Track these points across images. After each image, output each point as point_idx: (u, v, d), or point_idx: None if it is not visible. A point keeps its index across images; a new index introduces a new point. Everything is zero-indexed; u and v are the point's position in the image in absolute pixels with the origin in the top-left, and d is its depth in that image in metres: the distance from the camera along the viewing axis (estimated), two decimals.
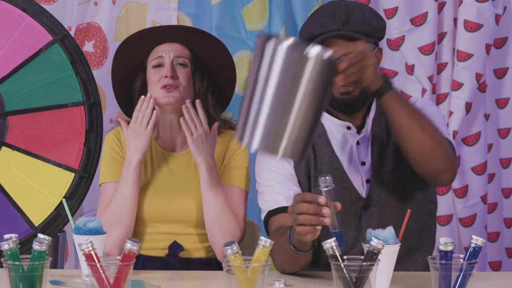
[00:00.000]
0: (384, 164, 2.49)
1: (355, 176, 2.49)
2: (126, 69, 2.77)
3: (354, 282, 1.88)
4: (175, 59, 2.70)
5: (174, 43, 2.73)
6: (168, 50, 2.71)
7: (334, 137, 2.51)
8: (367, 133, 2.51)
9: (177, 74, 2.68)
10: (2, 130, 2.79)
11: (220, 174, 2.71)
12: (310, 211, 2.03)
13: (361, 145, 2.50)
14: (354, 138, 2.50)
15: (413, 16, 3.44)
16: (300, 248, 2.19)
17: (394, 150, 2.49)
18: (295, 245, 2.18)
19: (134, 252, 1.88)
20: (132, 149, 2.65)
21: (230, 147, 2.75)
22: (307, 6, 3.34)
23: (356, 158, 2.49)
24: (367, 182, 2.48)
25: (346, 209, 2.45)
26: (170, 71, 2.67)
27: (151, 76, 2.71)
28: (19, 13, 2.82)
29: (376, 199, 2.46)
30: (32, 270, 1.89)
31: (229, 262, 1.90)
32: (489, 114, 3.56)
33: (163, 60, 2.70)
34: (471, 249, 1.95)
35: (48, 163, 2.79)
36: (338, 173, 2.47)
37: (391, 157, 2.49)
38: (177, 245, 2.68)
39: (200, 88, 2.73)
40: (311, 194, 2.05)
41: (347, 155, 2.50)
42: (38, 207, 2.77)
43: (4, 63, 2.80)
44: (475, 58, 3.41)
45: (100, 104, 2.84)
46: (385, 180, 2.48)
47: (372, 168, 2.48)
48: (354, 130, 2.50)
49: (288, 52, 2.00)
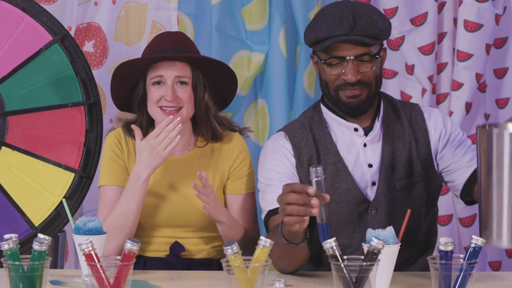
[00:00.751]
0: (395, 169, 2.48)
1: (361, 178, 2.48)
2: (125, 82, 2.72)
3: (354, 282, 1.88)
4: (176, 79, 2.64)
5: (174, 61, 2.65)
6: (168, 69, 2.64)
7: (340, 137, 2.50)
8: (376, 135, 2.49)
9: (178, 95, 2.63)
10: (2, 130, 2.79)
11: (227, 184, 2.71)
12: (299, 202, 2.03)
13: (369, 146, 2.49)
14: (361, 140, 2.49)
15: (413, 16, 3.44)
16: (292, 240, 2.19)
17: (408, 158, 2.48)
18: (286, 237, 2.18)
19: (134, 252, 1.88)
20: (144, 163, 2.60)
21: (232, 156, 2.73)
22: (307, 6, 3.33)
23: (362, 159, 2.48)
24: (373, 184, 2.47)
25: (350, 210, 2.45)
26: (171, 96, 2.62)
27: (151, 93, 2.65)
28: (19, 13, 2.81)
29: (385, 203, 2.45)
30: (32, 270, 1.89)
31: (229, 262, 1.90)
32: (489, 114, 3.56)
33: (164, 79, 2.64)
34: (471, 249, 1.95)
35: (48, 163, 2.79)
36: (342, 174, 2.47)
37: (405, 164, 2.48)
38: (178, 245, 2.68)
39: (202, 101, 2.69)
40: (300, 185, 2.05)
41: (353, 157, 2.49)
42: (38, 207, 2.77)
43: (4, 63, 2.80)
44: (475, 58, 3.41)
45: (100, 104, 2.83)
46: (397, 186, 2.47)
47: (381, 171, 2.47)
48: (361, 132, 2.49)
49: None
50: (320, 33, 2.41)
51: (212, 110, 2.70)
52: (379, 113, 2.51)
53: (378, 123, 2.49)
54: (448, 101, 3.48)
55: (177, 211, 2.68)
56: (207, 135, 2.71)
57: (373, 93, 2.46)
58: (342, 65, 2.41)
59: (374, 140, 2.49)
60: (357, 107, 2.45)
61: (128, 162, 2.71)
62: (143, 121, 2.72)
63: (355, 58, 2.40)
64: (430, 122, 2.53)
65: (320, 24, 2.42)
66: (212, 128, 2.70)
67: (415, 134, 2.51)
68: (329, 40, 2.39)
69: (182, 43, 2.71)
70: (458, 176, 2.47)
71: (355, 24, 2.38)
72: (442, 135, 2.51)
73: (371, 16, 2.42)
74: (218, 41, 3.29)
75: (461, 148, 2.49)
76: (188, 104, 2.65)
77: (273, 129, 3.31)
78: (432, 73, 3.45)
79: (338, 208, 2.46)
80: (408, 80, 3.47)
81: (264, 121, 3.38)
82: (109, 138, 2.75)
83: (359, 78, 2.41)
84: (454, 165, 2.48)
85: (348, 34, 2.38)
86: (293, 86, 3.39)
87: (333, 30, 2.39)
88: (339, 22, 2.39)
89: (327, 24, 2.40)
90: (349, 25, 2.38)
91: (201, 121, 2.70)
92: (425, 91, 3.44)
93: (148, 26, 3.28)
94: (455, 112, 3.45)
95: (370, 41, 2.39)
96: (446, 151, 2.50)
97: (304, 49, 3.34)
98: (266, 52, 3.34)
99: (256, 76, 3.37)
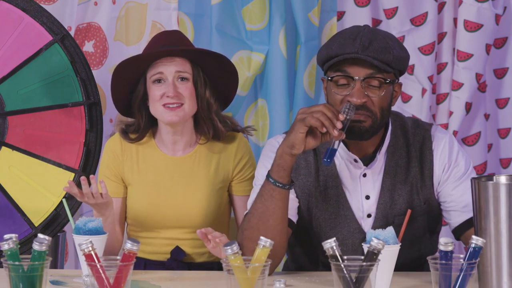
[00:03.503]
0: (395, 204, 2.41)
1: (357, 208, 2.41)
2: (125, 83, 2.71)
3: (354, 282, 1.88)
4: (176, 74, 2.64)
5: (174, 57, 2.65)
6: (168, 65, 2.64)
7: (341, 163, 2.42)
8: (377, 166, 2.41)
9: (179, 91, 2.63)
10: (2, 130, 2.79)
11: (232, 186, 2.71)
12: (329, 114, 2.19)
13: (368, 177, 2.41)
14: (360, 170, 2.41)
15: (413, 16, 3.43)
16: (279, 179, 2.25)
17: (410, 191, 2.42)
18: (275, 173, 2.26)
19: (134, 252, 1.88)
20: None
21: (236, 158, 2.73)
22: (307, 6, 3.33)
23: (360, 190, 2.42)
24: (368, 216, 2.41)
25: (344, 238, 2.41)
26: (173, 91, 2.61)
27: (152, 91, 2.64)
28: (19, 13, 2.82)
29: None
30: (32, 270, 1.89)
31: (229, 262, 1.90)
32: (489, 114, 3.56)
33: (164, 76, 2.63)
34: (471, 249, 1.95)
35: (48, 163, 2.79)
36: (340, 200, 2.41)
37: (405, 198, 2.41)
38: (179, 250, 2.67)
39: (203, 97, 2.69)
40: (333, 107, 2.23)
41: (351, 185, 2.42)
42: (38, 207, 2.77)
43: (4, 63, 2.80)
44: (475, 58, 3.41)
45: (100, 104, 2.83)
46: (395, 221, 2.39)
47: (379, 204, 2.41)
48: (360, 163, 2.40)
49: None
50: (331, 50, 2.33)
51: (214, 107, 2.70)
52: (383, 142, 2.42)
53: (379, 155, 2.41)
54: (448, 101, 3.48)
55: (179, 212, 2.68)
56: (209, 133, 2.70)
57: (377, 124, 2.35)
58: (349, 86, 2.31)
59: (374, 171, 2.41)
60: (358, 133, 2.33)
61: (123, 169, 2.71)
62: (141, 122, 2.71)
63: (363, 80, 2.30)
64: (436, 153, 2.44)
65: (333, 42, 2.35)
66: (213, 125, 2.69)
67: (421, 165, 2.43)
68: (337, 58, 2.31)
69: (179, 40, 2.71)
70: (451, 217, 2.44)
71: (369, 45, 2.29)
72: (445, 169, 2.43)
73: (388, 41, 2.33)
74: (218, 41, 3.29)
75: (459, 188, 2.42)
76: (189, 100, 2.64)
77: (273, 129, 3.31)
78: (432, 73, 3.45)
79: (331, 234, 2.38)
80: (408, 80, 3.46)
81: (264, 121, 3.38)
82: (106, 147, 2.75)
83: (365, 101, 2.30)
84: (449, 204, 2.43)
85: (359, 52, 2.29)
86: (293, 86, 3.39)
87: (343, 48, 2.31)
88: (352, 41, 2.31)
89: (339, 42, 2.33)
90: (361, 45, 2.29)
91: (203, 118, 2.69)
92: (425, 91, 3.44)
93: (148, 26, 3.28)
94: (455, 112, 3.45)
95: (380, 64, 2.29)
96: (446, 186, 2.43)
97: (304, 49, 3.34)
98: (266, 52, 3.34)
99: (256, 76, 3.37)
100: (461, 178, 2.43)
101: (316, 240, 2.41)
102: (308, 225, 2.43)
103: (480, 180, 2.07)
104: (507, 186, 2.01)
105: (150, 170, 2.71)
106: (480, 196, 2.04)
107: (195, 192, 2.68)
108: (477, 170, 3.51)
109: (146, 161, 2.71)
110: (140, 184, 2.70)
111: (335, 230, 2.41)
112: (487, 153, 3.55)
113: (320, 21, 3.36)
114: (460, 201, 2.41)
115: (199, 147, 2.72)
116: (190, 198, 2.68)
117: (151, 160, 2.72)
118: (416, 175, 2.43)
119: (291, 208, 2.37)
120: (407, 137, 2.45)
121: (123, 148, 2.72)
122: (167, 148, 2.72)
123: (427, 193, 2.43)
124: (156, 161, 2.72)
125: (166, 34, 2.77)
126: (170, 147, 2.72)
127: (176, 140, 2.71)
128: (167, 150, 2.72)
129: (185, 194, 2.69)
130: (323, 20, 3.39)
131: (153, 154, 2.72)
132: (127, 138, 2.72)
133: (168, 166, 2.70)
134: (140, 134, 2.71)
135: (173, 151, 2.72)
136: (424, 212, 2.44)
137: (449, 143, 2.45)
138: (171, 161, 2.71)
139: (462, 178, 2.43)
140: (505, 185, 2.02)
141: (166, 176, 2.70)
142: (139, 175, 2.71)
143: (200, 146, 2.72)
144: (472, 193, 2.06)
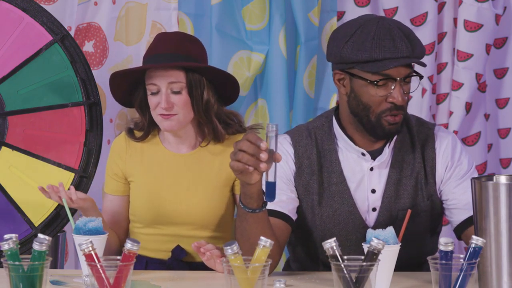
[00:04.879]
0: (399, 198, 2.42)
1: (362, 203, 2.42)
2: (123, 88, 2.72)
3: (354, 282, 1.88)
4: (169, 86, 2.63)
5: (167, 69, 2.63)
6: (161, 77, 2.63)
7: (346, 157, 2.43)
8: (384, 160, 2.42)
9: (172, 103, 2.62)
10: (2, 130, 2.79)
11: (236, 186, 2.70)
12: (250, 151, 2.01)
13: (375, 171, 2.42)
14: (368, 164, 2.42)
15: (413, 16, 3.43)
16: (247, 203, 2.14)
17: (415, 187, 2.43)
18: (242, 200, 2.16)
19: (134, 252, 1.88)
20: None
21: None
22: (307, 6, 3.33)
23: (366, 184, 2.42)
24: (373, 210, 2.42)
25: (347, 234, 2.42)
26: (165, 103, 2.61)
27: (149, 99, 2.66)
28: (19, 13, 2.82)
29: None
30: (32, 270, 1.89)
31: (229, 262, 1.90)
32: (489, 114, 3.56)
33: (158, 88, 2.63)
34: (471, 249, 1.95)
35: (48, 163, 2.79)
36: (344, 196, 2.42)
37: (410, 193, 2.43)
38: (180, 249, 2.67)
39: (201, 101, 2.68)
40: (255, 136, 2.03)
41: (357, 179, 2.42)
42: (38, 207, 2.77)
43: (4, 63, 2.80)
44: (475, 58, 3.41)
45: (100, 104, 2.83)
46: (399, 215, 2.40)
47: (384, 198, 2.42)
48: (368, 156, 2.41)
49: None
50: (376, 53, 2.29)
51: (214, 107, 2.69)
52: (392, 138, 2.43)
53: (388, 149, 2.42)
54: (448, 101, 3.48)
55: (181, 208, 2.68)
56: (209, 135, 2.71)
57: (404, 118, 2.38)
58: (387, 86, 2.31)
59: (381, 165, 2.42)
60: (394, 133, 2.37)
61: (127, 167, 2.73)
62: (145, 121, 2.74)
63: (403, 80, 2.33)
64: (439, 152, 2.45)
65: (371, 43, 2.30)
66: (213, 127, 2.70)
67: (425, 163, 2.44)
68: (390, 61, 2.28)
69: (176, 46, 2.67)
70: (453, 215, 2.44)
71: (413, 47, 2.31)
72: (448, 167, 2.44)
73: (416, 36, 2.36)
74: (218, 41, 3.29)
75: (461, 187, 2.43)
76: (183, 110, 2.64)
77: None
78: (432, 73, 3.45)
79: (336, 230, 2.41)
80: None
81: (264, 121, 3.38)
82: (113, 146, 2.78)
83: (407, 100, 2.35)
84: (451, 202, 2.44)
85: (410, 57, 2.30)
86: (293, 86, 3.39)
87: (392, 52, 2.29)
88: (398, 42, 2.30)
89: (380, 45, 2.29)
90: (407, 48, 2.30)
91: (202, 121, 2.69)
92: (425, 91, 3.44)
93: (148, 26, 3.28)
94: (455, 112, 3.45)
95: (421, 63, 2.34)
96: (448, 185, 2.44)
97: (304, 49, 3.34)
98: (266, 52, 3.34)
99: (256, 76, 3.37)
100: (463, 176, 2.44)
101: (319, 238, 2.41)
102: (312, 223, 2.43)
103: (480, 180, 2.07)
104: (507, 186, 2.01)
105: (153, 166, 2.73)
106: (480, 196, 2.04)
107: (198, 189, 2.69)
108: (477, 170, 3.51)
109: (150, 158, 2.73)
110: (142, 179, 2.72)
111: (340, 227, 2.42)
112: (487, 153, 3.55)
113: (320, 21, 3.37)
114: (462, 199, 2.42)
115: (200, 149, 2.73)
116: (192, 195, 2.69)
117: (155, 156, 2.73)
118: (421, 171, 2.44)
119: (289, 207, 2.38)
120: (411, 134, 2.47)
121: (128, 146, 2.74)
122: (171, 146, 2.74)
123: (430, 189, 2.45)
124: (160, 158, 2.73)
125: (164, 38, 2.73)
126: (174, 145, 2.74)
127: (179, 142, 2.73)
128: (171, 147, 2.74)
129: (187, 191, 2.69)
130: (323, 20, 3.39)
131: (157, 150, 2.74)
132: (132, 137, 2.74)
133: (171, 162, 2.72)
134: (145, 133, 2.74)
135: (177, 149, 2.74)
136: (427, 208, 2.45)
137: (452, 143, 2.47)
138: (175, 157, 2.72)
139: (464, 177, 2.44)
140: (505, 185, 2.02)
141: (169, 172, 2.71)
142: (142, 171, 2.72)
143: (202, 148, 2.73)
144: (472, 193, 2.07)
